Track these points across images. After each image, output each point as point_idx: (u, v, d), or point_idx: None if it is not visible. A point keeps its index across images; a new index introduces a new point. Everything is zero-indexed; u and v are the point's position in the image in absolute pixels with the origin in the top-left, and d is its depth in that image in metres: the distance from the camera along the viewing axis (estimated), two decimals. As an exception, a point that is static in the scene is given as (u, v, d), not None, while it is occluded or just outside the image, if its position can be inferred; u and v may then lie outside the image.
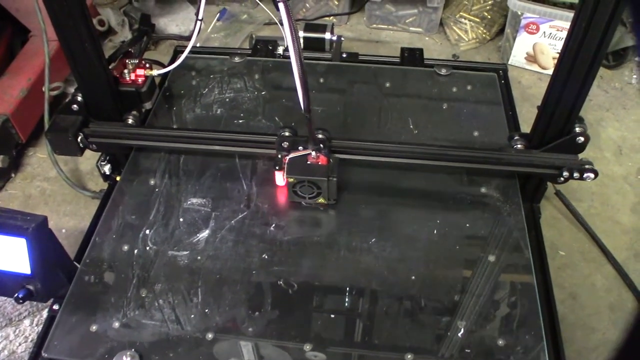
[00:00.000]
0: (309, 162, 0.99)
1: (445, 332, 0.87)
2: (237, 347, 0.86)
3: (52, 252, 0.88)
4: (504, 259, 0.96)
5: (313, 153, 0.98)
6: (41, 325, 1.04)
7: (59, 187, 1.34)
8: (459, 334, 0.86)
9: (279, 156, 1.01)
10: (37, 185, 1.36)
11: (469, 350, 0.85)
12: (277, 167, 1.01)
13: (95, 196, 1.29)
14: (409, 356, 0.84)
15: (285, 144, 1.00)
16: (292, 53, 0.80)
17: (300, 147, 1.00)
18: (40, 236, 0.82)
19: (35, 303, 1.11)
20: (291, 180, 0.98)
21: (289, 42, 0.79)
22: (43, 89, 1.34)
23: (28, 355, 0.93)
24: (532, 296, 0.91)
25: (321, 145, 0.98)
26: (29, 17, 1.47)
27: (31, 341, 1.07)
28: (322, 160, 0.98)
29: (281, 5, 0.76)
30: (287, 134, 1.00)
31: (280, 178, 1.02)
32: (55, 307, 0.91)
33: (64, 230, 1.25)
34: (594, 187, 1.32)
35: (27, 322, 1.10)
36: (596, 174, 0.98)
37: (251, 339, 0.86)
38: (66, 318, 0.88)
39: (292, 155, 0.99)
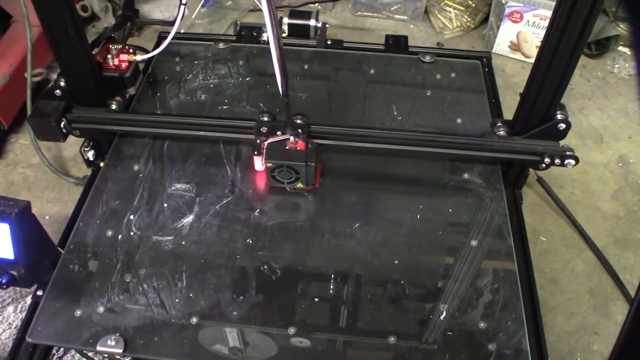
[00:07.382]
0: (287, 147, 0.99)
1: (428, 316, 0.88)
2: (221, 332, 0.86)
3: (36, 237, 0.87)
4: (486, 244, 0.97)
5: (291, 138, 0.98)
6: (25, 312, 1.04)
7: (42, 174, 1.33)
8: (442, 318, 0.88)
9: (258, 141, 1.01)
10: (20, 172, 1.35)
11: (451, 334, 0.86)
12: (255, 152, 1.02)
13: (78, 182, 1.28)
14: (391, 339, 0.85)
15: (264, 129, 1.01)
16: (270, 37, 0.79)
17: (278, 132, 1.00)
18: (24, 221, 0.82)
19: (18, 290, 1.11)
20: (269, 165, 0.99)
21: (268, 26, 0.78)
22: (25, 75, 1.33)
23: (12, 342, 0.93)
24: (513, 281, 0.92)
25: (299, 131, 0.98)
26: (10, 2, 1.45)
27: (15, 328, 1.07)
28: (300, 145, 0.99)
29: None
30: (265, 119, 1.01)
31: (259, 163, 1.03)
32: (39, 292, 0.91)
33: (47, 217, 1.24)
34: (575, 174, 1.34)
35: (10, 309, 1.09)
36: (577, 160, 1.00)
37: (236, 324, 0.87)
38: (50, 303, 0.88)
39: (270, 140, 1.00)
